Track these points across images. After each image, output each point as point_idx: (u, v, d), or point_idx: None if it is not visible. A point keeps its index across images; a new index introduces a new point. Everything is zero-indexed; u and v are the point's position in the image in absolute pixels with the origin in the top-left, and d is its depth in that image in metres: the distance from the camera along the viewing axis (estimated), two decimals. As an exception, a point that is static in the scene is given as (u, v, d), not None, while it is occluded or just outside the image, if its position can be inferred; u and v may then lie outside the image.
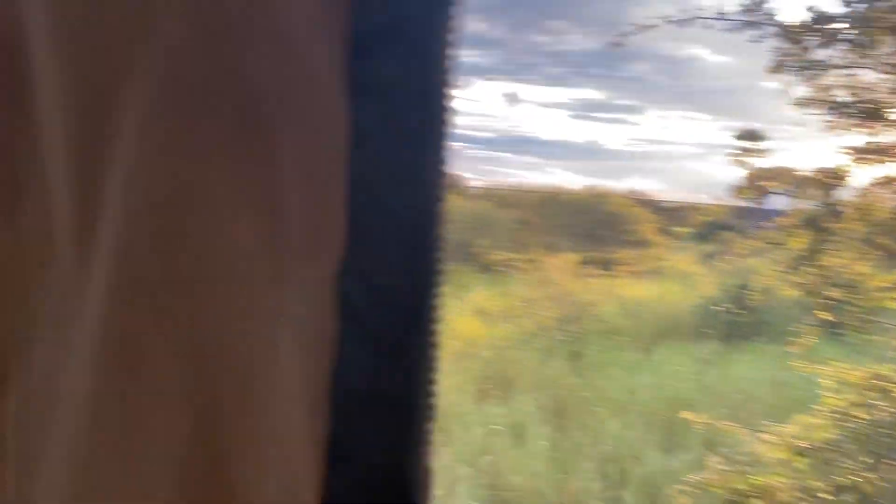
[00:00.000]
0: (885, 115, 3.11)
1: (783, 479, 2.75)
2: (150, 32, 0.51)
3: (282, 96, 0.44)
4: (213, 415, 0.46)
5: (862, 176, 3.40)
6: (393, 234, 0.35)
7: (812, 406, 2.99)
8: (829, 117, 3.20)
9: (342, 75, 0.39)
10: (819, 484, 2.73)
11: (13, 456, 0.62)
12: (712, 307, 6.14)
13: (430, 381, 0.35)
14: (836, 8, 3.10)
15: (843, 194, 3.42)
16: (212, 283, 0.47)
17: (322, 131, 0.42)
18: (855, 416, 2.80)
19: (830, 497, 2.68)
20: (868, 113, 3.13)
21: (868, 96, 3.13)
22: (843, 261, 3.24)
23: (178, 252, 0.49)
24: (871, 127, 3.18)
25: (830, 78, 3.17)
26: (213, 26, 0.47)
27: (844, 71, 3.15)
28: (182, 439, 0.48)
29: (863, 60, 3.08)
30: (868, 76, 3.14)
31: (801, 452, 2.79)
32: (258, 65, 0.45)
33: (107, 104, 0.53)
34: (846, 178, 3.38)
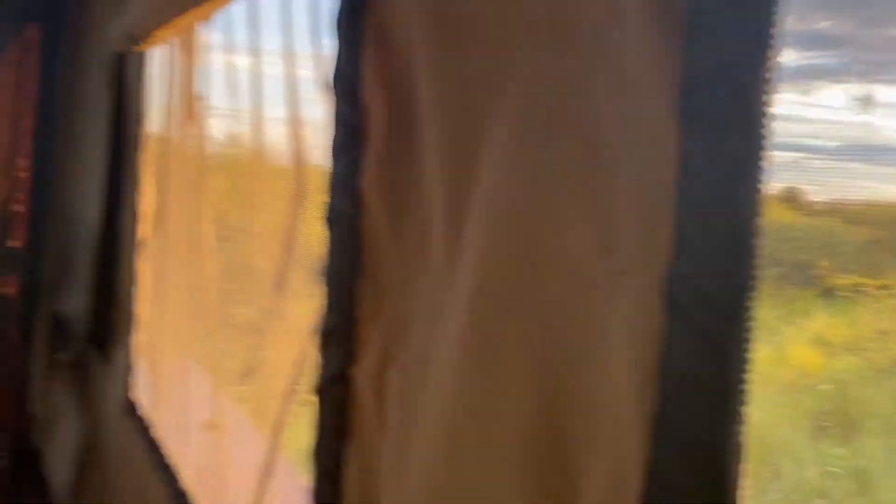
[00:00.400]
0: None
1: None
2: (511, 76, 0.61)
3: (618, 126, 0.52)
4: (554, 401, 0.55)
5: None
6: (716, 245, 0.41)
7: None
8: None
9: (672, 108, 0.45)
10: None
11: (395, 419, 0.77)
12: None
13: (745, 371, 0.40)
14: None
15: None
16: (555, 286, 0.56)
17: (653, 156, 0.48)
18: None
19: None
20: None
21: None
22: None
23: (527, 260, 0.58)
24: None
25: None
26: (564, 68, 0.56)
27: None
28: (528, 421, 0.57)
29: None
30: None
31: None
32: (600, 99, 0.53)
33: (474, 134, 0.65)
34: None
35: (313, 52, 1.08)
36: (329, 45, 1.04)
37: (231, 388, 1.77)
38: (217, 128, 1.75)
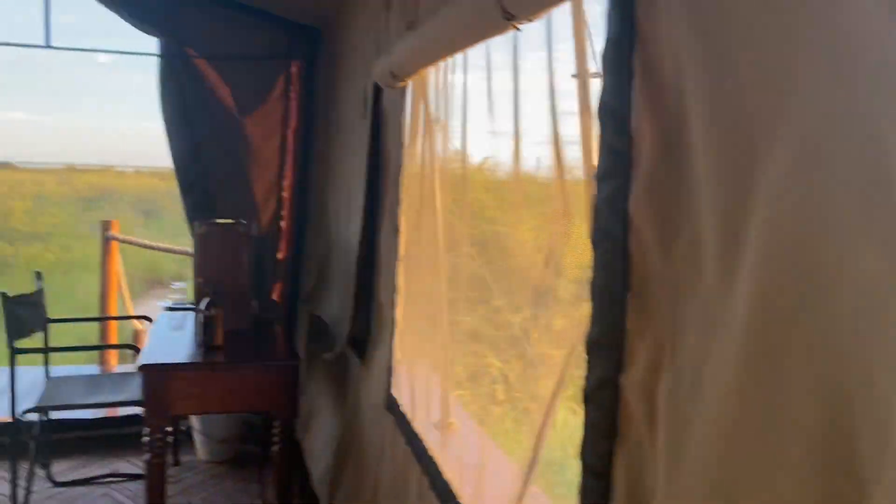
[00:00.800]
0: None
1: None
2: (790, 103, 0.65)
3: None
4: (842, 410, 0.58)
5: None
6: None
7: None
8: None
9: None
10: None
11: (665, 421, 0.83)
12: None
13: None
14: None
15: None
16: (843, 302, 0.59)
17: None
18: None
19: None
20: None
21: None
22: None
23: (813, 278, 0.62)
24: None
25: None
26: (848, 96, 0.59)
27: None
28: (814, 429, 0.60)
29: None
30: None
31: None
32: (887, 126, 0.56)
33: (750, 160, 0.70)
34: None
35: (573, 74, 1.15)
36: (582, 65, 1.12)
37: (460, 391, 1.90)
38: (464, 145, 1.88)
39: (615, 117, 0.91)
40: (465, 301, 1.87)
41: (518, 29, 1.11)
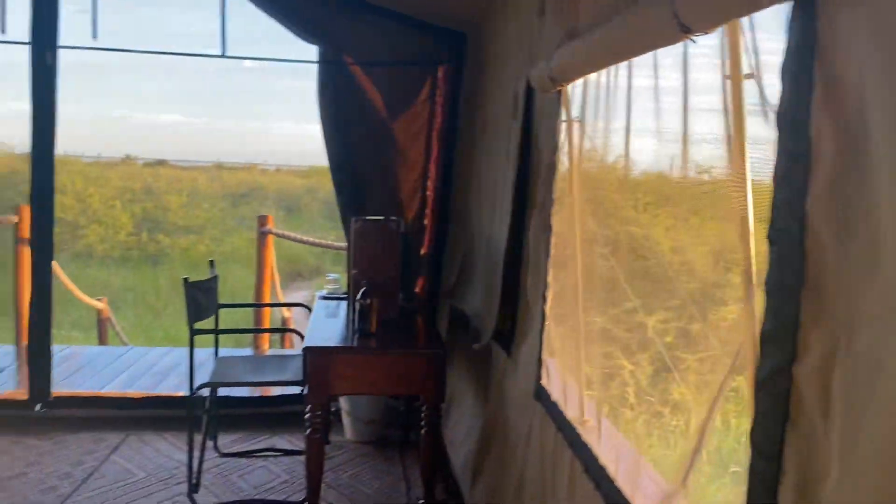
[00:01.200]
0: None
1: None
2: None
3: None
4: None
5: None
6: None
7: None
8: None
9: None
10: None
11: (839, 409, 0.89)
12: None
13: None
14: None
15: None
16: None
17: None
18: None
19: None
20: None
21: None
22: None
23: None
24: None
25: None
26: None
27: None
28: None
29: None
30: None
31: None
32: None
33: None
34: None
35: (725, 75, 1.20)
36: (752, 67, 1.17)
37: (592, 391, 1.96)
38: (605, 145, 1.95)
39: (794, 122, 0.97)
40: (600, 302, 1.93)
41: (693, 40, 1.18)
